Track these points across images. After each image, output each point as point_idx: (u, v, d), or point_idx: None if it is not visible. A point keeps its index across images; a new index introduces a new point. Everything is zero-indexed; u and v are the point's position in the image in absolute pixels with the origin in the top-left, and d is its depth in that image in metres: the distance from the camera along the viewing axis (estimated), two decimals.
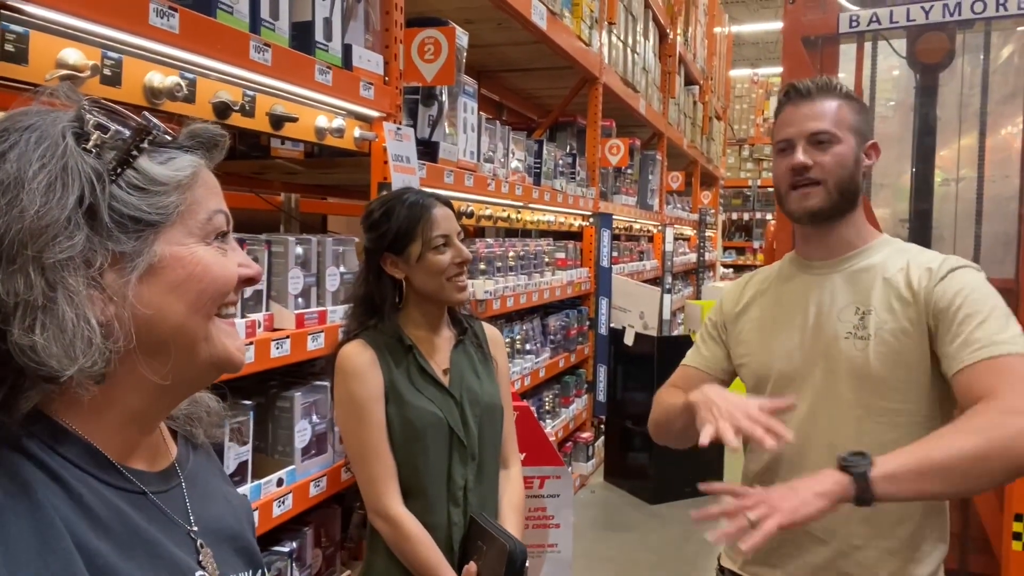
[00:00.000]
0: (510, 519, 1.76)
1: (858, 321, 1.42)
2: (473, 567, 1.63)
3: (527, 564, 1.62)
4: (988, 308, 1.33)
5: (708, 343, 1.66)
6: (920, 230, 2.64)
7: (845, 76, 2.78)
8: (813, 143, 1.43)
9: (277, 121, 1.77)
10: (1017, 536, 2.20)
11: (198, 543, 0.75)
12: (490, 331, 1.90)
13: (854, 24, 2.62)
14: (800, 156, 1.43)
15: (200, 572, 0.73)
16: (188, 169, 0.72)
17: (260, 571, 0.83)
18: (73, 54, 1.26)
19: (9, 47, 1.17)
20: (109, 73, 1.34)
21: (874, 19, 2.59)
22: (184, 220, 0.71)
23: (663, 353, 4.62)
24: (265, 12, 1.72)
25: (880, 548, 1.40)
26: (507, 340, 3.51)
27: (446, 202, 1.76)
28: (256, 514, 1.66)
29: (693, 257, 9.26)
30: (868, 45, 2.72)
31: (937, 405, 1.41)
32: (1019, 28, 2.61)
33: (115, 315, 0.66)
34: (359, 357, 1.66)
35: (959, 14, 2.48)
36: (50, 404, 0.67)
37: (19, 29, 1.19)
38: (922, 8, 2.51)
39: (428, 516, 1.66)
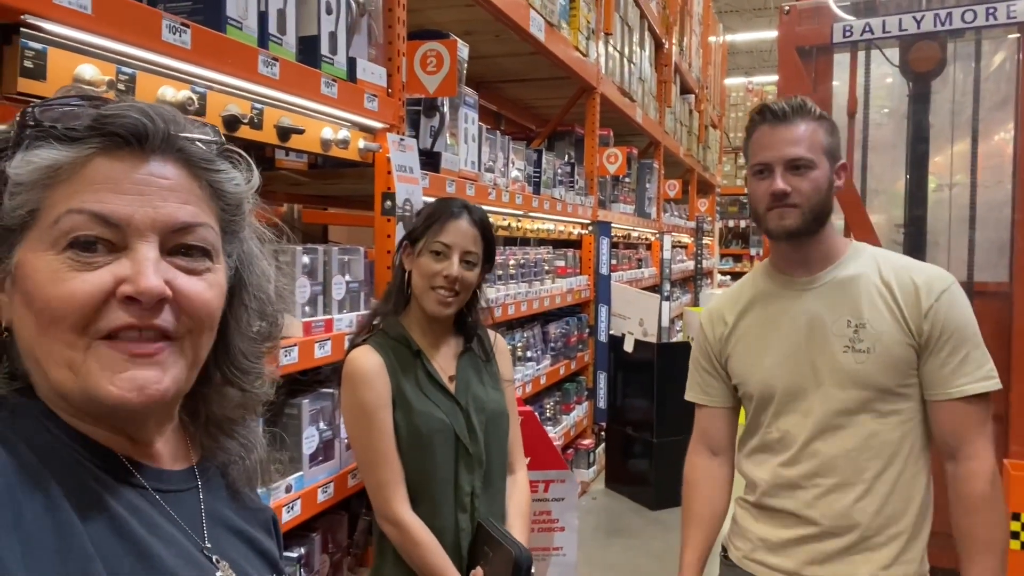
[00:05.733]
0: (516, 525, 1.78)
1: (852, 334, 1.50)
2: (480, 573, 1.65)
3: (533, 570, 1.64)
4: (971, 335, 1.47)
5: (706, 378, 1.72)
6: (915, 235, 2.67)
7: (839, 85, 2.83)
8: (790, 168, 1.50)
9: (284, 133, 1.80)
10: (1015, 535, 2.23)
11: (212, 555, 0.72)
12: (495, 339, 1.92)
13: (848, 34, 2.67)
14: (779, 183, 1.49)
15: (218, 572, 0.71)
16: (42, 162, 0.63)
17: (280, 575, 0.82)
18: (89, 70, 1.29)
19: (28, 63, 1.20)
20: (123, 88, 1.37)
21: (867, 29, 2.63)
22: (40, 224, 0.63)
23: (663, 359, 4.64)
24: (273, 27, 1.76)
25: (889, 534, 1.50)
26: (508, 348, 3.52)
27: (476, 220, 1.73)
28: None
29: (691, 264, 9.29)
30: (862, 54, 2.76)
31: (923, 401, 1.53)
32: (1009, 36, 2.66)
33: (10, 321, 0.66)
34: (367, 363, 1.68)
35: (950, 23, 2.52)
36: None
37: (38, 46, 1.22)
38: (914, 18, 2.56)
39: (435, 521, 1.67)
